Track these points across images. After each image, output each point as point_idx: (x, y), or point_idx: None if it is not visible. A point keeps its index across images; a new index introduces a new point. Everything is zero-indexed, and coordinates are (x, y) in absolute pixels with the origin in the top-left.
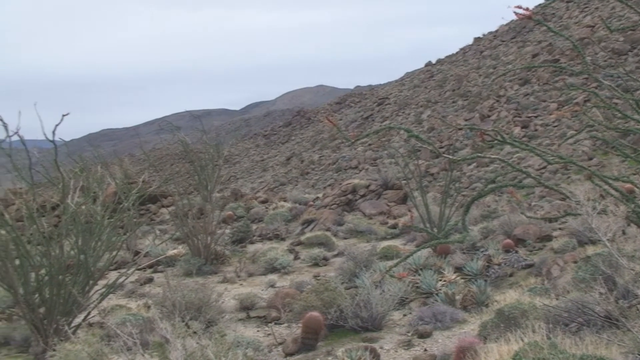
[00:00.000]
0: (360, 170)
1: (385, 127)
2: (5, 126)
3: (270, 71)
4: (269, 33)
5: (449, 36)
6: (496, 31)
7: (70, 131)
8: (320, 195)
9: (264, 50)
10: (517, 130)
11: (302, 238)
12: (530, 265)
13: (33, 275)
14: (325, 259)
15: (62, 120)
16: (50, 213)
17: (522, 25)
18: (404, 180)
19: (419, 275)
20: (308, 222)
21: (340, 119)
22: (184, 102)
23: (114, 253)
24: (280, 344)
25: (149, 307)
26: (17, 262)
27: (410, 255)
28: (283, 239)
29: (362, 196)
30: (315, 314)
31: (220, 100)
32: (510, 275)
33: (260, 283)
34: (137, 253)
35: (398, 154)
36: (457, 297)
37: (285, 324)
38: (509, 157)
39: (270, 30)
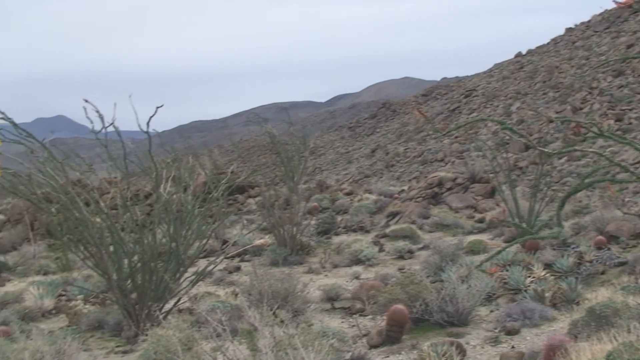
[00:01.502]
0: (447, 163)
1: (476, 119)
2: (101, 118)
3: (356, 63)
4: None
5: (538, 26)
6: (589, 21)
7: (162, 122)
8: (405, 187)
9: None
10: (610, 123)
11: (387, 230)
12: (623, 263)
13: (126, 261)
14: (411, 252)
15: (156, 112)
16: (143, 202)
17: (617, 15)
18: (492, 173)
19: (507, 271)
20: (393, 215)
21: (427, 112)
22: (270, 95)
23: (204, 241)
24: (364, 335)
25: (236, 295)
26: (111, 248)
27: (502, 251)
28: (368, 231)
29: (449, 189)
30: (400, 306)
31: (306, 92)
32: (602, 273)
33: (345, 274)
34: (225, 242)
35: (486, 147)
36: (547, 294)
37: (370, 316)
38: (601, 150)
39: (356, 22)
